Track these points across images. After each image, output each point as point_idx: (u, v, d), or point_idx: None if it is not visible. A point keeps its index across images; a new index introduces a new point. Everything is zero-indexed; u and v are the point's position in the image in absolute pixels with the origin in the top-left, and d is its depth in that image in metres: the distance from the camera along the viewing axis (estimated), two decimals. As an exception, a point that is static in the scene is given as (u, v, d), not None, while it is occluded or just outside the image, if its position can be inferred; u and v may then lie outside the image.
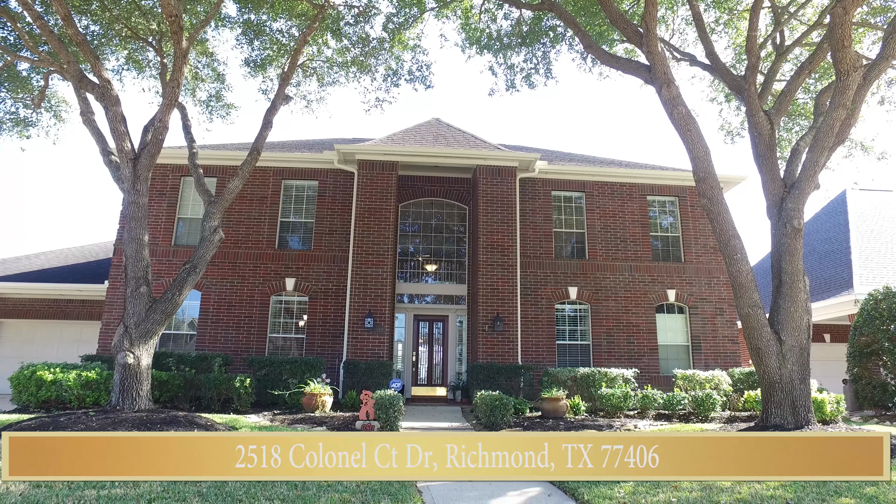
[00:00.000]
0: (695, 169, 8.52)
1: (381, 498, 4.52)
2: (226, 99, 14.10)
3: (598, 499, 4.54)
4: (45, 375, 10.32)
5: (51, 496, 4.39)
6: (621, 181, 16.14)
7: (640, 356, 14.72)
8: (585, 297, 15.06)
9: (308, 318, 14.74)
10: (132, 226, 8.60)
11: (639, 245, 15.64)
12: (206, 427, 7.60)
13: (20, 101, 14.28)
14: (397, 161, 14.85)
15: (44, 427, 7.11)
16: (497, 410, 9.72)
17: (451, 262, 16.28)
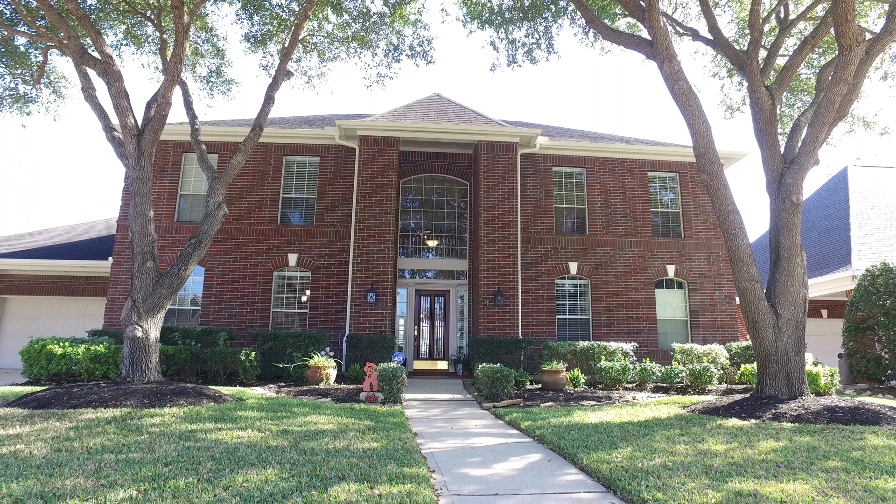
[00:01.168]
0: (695, 144, 8.56)
1: (388, 462, 4.70)
2: (226, 75, 14.04)
3: (595, 462, 4.72)
4: (54, 349, 10.52)
5: (71, 459, 4.57)
6: (622, 157, 16.15)
7: (640, 331, 14.92)
8: (585, 272, 15.20)
9: (311, 292, 14.90)
10: (137, 202, 8.68)
11: (639, 221, 15.72)
12: (215, 398, 7.80)
13: (19, 78, 14.20)
14: (398, 137, 14.86)
15: (58, 397, 7.30)
16: (498, 382, 9.93)
17: (452, 237, 16.38)
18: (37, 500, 3.57)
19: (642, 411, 7.93)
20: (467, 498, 4.00)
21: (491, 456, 5.47)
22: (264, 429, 6.07)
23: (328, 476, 4.19)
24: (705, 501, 3.63)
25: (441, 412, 8.84)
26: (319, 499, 3.63)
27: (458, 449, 5.84)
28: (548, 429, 6.54)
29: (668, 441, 5.65)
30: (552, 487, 4.28)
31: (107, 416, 6.52)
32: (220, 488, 3.80)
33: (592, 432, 6.20)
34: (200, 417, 6.60)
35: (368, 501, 3.61)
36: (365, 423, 6.86)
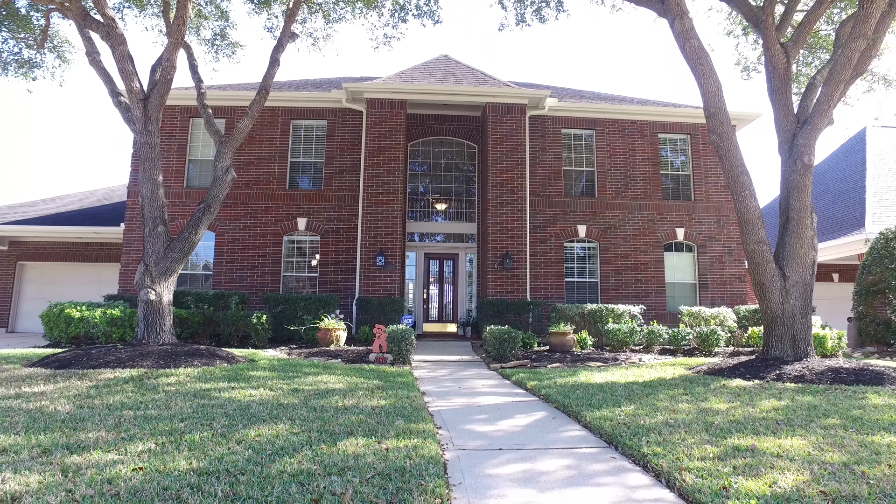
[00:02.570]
0: (706, 104, 8.40)
1: (395, 419, 4.84)
2: (231, 37, 13.87)
3: (598, 420, 4.83)
4: (72, 313, 10.77)
5: (93, 415, 4.75)
6: (632, 118, 15.90)
7: (648, 294, 14.97)
8: (594, 235, 15.18)
9: (320, 256, 15.04)
10: (146, 167, 8.73)
11: (648, 183, 15.58)
12: (228, 359, 8.00)
13: (23, 42, 14.11)
14: (406, 99, 14.70)
15: (78, 358, 7.53)
16: (505, 344, 10.07)
17: (460, 200, 16.36)
18: (63, 450, 3.74)
19: (647, 372, 8.04)
20: (472, 452, 4.13)
21: (497, 414, 5.60)
22: (276, 388, 6.24)
23: (337, 431, 4.33)
24: (703, 455, 3.73)
25: (449, 373, 9.01)
26: (328, 452, 3.77)
27: (464, 407, 5.99)
28: (553, 388, 6.67)
29: (671, 400, 5.75)
30: (555, 443, 4.40)
31: (124, 375, 6.72)
32: (234, 442, 3.95)
33: (597, 391, 6.32)
34: (214, 377, 6.79)
35: (376, 455, 3.74)
36: (374, 382, 7.02)
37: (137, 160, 8.99)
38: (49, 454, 3.67)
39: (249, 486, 3.07)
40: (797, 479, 3.27)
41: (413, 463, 3.57)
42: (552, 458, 3.95)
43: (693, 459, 3.63)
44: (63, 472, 3.32)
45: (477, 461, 3.89)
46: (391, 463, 3.55)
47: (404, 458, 3.69)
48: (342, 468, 3.42)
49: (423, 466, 3.49)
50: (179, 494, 2.93)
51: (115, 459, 3.56)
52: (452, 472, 3.62)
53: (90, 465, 3.42)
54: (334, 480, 3.17)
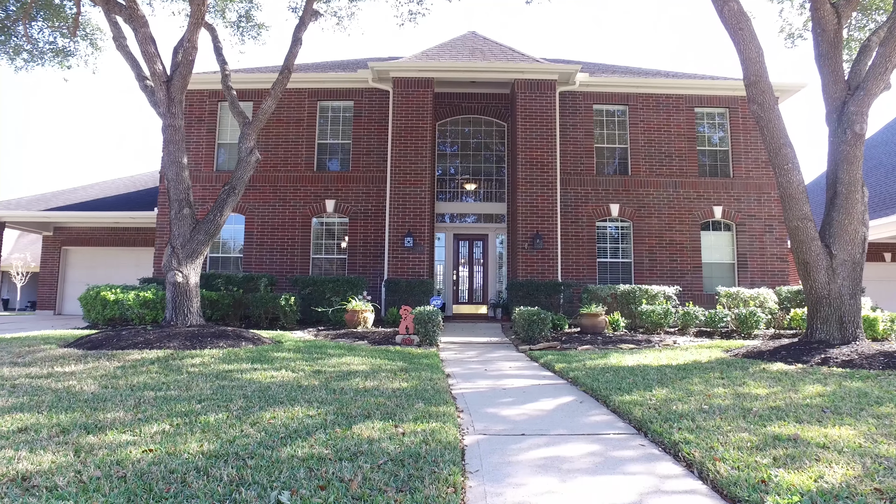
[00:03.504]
0: (745, 73, 7.89)
1: (415, 402, 4.71)
2: (256, 19, 13.78)
3: (627, 404, 4.60)
4: (108, 296, 11.00)
5: (115, 395, 4.76)
6: (667, 93, 15.25)
7: (683, 274, 14.47)
8: (627, 214, 14.71)
9: (349, 238, 15.01)
10: (170, 149, 8.74)
11: (684, 160, 14.98)
12: (253, 340, 8.02)
13: (57, 31, 14.34)
14: (433, 77, 14.42)
15: (109, 340, 7.65)
16: (534, 325, 9.85)
17: (490, 180, 16.07)
18: (81, 430, 3.74)
19: (682, 355, 7.72)
20: (493, 437, 3.96)
21: (522, 397, 5.42)
22: (298, 369, 6.19)
23: (354, 414, 4.22)
24: (740, 444, 3.46)
25: (476, 354, 8.86)
26: (343, 436, 3.65)
27: (489, 390, 5.82)
28: (582, 371, 6.44)
29: (706, 384, 5.46)
30: (581, 428, 4.20)
31: (151, 356, 6.78)
32: (248, 424, 3.87)
33: (627, 375, 6.07)
34: (238, 358, 6.79)
35: (391, 439, 3.61)
36: (398, 364, 6.92)
37: (164, 142, 8.97)
38: (67, 433, 3.67)
39: (257, 470, 2.97)
40: (847, 473, 2.98)
41: (429, 448, 3.42)
42: (577, 444, 3.75)
43: (729, 449, 3.37)
44: (76, 452, 3.29)
45: (498, 447, 3.72)
46: (406, 448, 3.41)
47: (420, 442, 3.54)
48: (355, 453, 3.29)
49: (440, 452, 3.34)
50: (185, 478, 2.85)
51: (129, 440, 3.52)
52: (470, 459, 3.46)
53: (103, 446, 3.39)
54: (345, 466, 3.04)
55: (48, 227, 20.99)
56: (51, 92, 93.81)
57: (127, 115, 64.61)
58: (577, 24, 71.50)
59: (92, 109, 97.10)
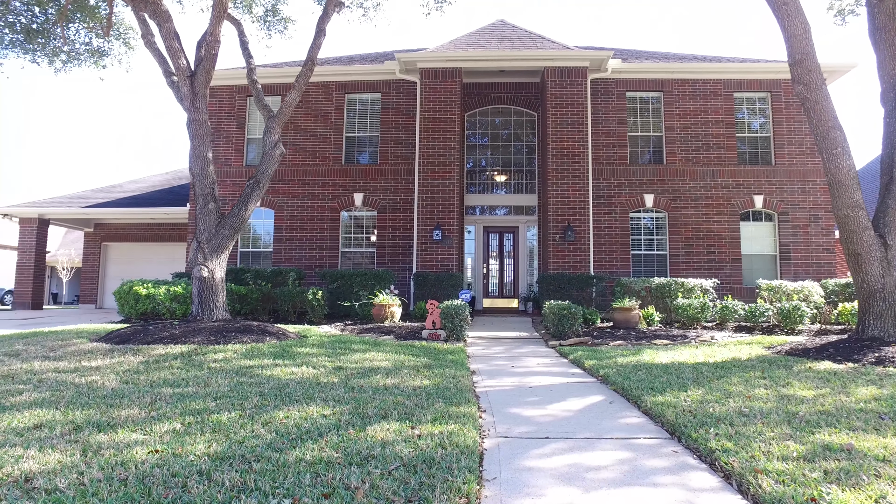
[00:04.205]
0: (790, 51, 7.39)
1: (436, 401, 4.52)
2: (282, 13, 13.76)
3: (660, 406, 4.31)
4: (140, 291, 11.17)
5: (133, 391, 4.73)
6: (704, 77, 14.62)
7: (722, 267, 13.90)
8: (662, 204, 14.19)
9: (377, 231, 14.93)
10: (195, 144, 8.75)
11: (722, 147, 14.35)
12: (278, 335, 7.96)
13: (92, 31, 14.62)
14: (461, 67, 14.17)
15: (136, 334, 7.71)
16: (564, 320, 9.55)
17: (520, 171, 15.76)
18: (93, 428, 3.68)
19: (720, 351, 7.33)
20: (514, 441, 3.74)
21: (548, 396, 5.18)
22: (319, 365, 6.08)
23: (370, 414, 4.06)
24: (785, 454, 3.16)
25: (504, 350, 8.63)
26: (355, 437, 3.49)
27: (514, 388, 5.60)
28: (612, 368, 6.15)
29: (747, 384, 5.11)
30: (609, 431, 3.94)
31: (175, 351, 6.78)
32: (260, 424, 3.75)
33: (661, 373, 5.75)
34: (260, 354, 6.73)
35: (406, 442, 3.43)
36: (422, 360, 6.75)
37: (190, 137, 8.98)
38: (79, 431, 3.61)
39: (261, 474, 2.83)
40: (909, 489, 2.66)
41: (445, 452, 3.23)
42: (604, 450, 3.50)
43: (772, 459, 3.07)
44: (84, 451, 3.22)
45: (519, 451, 3.50)
46: (421, 452, 3.23)
47: (436, 446, 3.35)
48: (365, 457, 3.13)
49: (456, 457, 3.14)
50: (186, 482, 2.73)
51: (138, 440, 3.43)
52: (489, 465, 3.25)
53: (112, 446, 3.31)
54: (353, 472, 2.87)
55: (89, 223, 21.60)
56: (86, 91, 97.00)
57: (164, 112, 66.45)
58: (609, 11, 69.86)
59: (125, 106, 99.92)
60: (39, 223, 19.07)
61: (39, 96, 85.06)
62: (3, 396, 4.62)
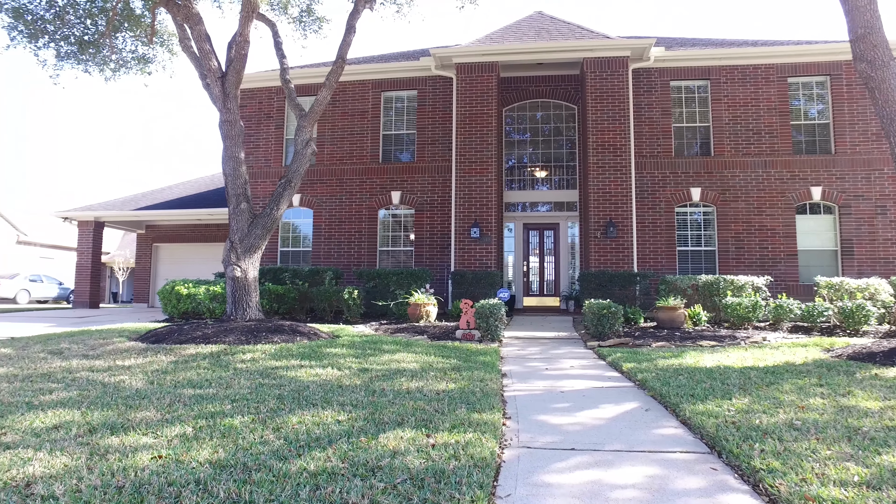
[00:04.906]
0: (851, 25, 6.78)
1: (458, 406, 4.31)
2: (317, 12, 13.78)
3: (700, 415, 3.95)
4: (181, 290, 11.41)
5: (156, 392, 4.71)
6: (755, 63, 13.81)
7: (775, 263, 13.11)
8: (710, 198, 13.50)
9: (415, 229, 14.82)
10: (227, 144, 8.81)
11: (775, 136, 13.53)
12: (309, 335, 7.92)
13: (138, 40, 15.08)
14: (497, 61, 13.88)
15: (171, 333, 7.82)
16: (604, 319, 9.15)
17: (560, 166, 15.34)
18: (106, 430, 3.65)
19: (772, 354, 6.82)
20: (537, 452, 3.49)
21: (580, 402, 4.88)
22: (344, 367, 5.96)
23: (386, 420, 3.87)
24: (844, 478, 2.78)
25: (539, 351, 8.33)
26: (366, 446, 3.31)
27: (545, 392, 5.32)
28: (651, 372, 5.78)
29: (800, 392, 4.67)
30: (641, 443, 3.62)
31: (205, 351, 6.81)
32: (270, 429, 3.63)
33: (704, 378, 5.35)
34: (289, 354, 6.67)
35: (419, 452, 3.23)
36: (451, 361, 6.54)
37: (222, 138, 9.05)
38: (93, 434, 3.58)
39: (259, 485, 2.68)
40: None
41: (458, 465, 3.01)
42: (633, 465, 3.20)
43: (827, 484, 2.70)
44: (91, 455, 3.17)
45: (539, 464, 3.24)
46: (432, 464, 3.02)
47: (450, 457, 3.13)
48: (372, 468, 2.94)
49: (468, 471, 2.92)
50: (181, 493, 2.60)
51: (146, 443, 3.36)
52: (504, 479, 3.01)
53: (118, 450, 3.24)
54: (355, 485, 2.69)
55: (141, 225, 22.41)
56: (134, 97, 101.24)
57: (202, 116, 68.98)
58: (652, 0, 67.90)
59: (174, 110, 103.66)
60: (95, 226, 19.88)
61: (91, 104, 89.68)
62: (36, 395, 4.69)
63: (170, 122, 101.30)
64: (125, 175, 74.00)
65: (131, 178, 72.46)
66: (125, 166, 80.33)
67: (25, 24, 12.90)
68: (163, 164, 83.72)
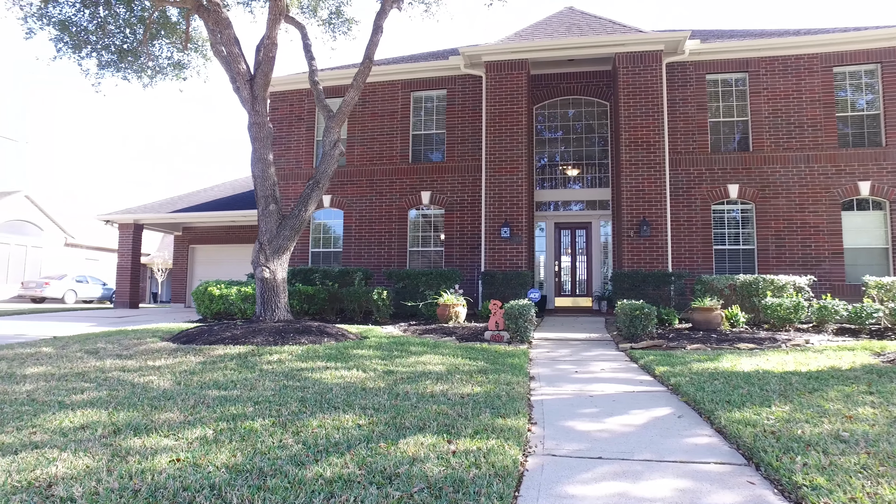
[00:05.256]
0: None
1: (482, 411, 4.20)
2: (346, 14, 13.86)
3: (736, 424, 3.74)
4: (213, 291, 11.60)
5: (181, 393, 4.75)
6: (797, 53, 13.24)
7: (819, 262, 12.55)
8: (749, 195, 13.02)
9: (445, 229, 14.76)
10: (256, 146, 8.89)
11: (819, 130, 12.94)
12: (336, 336, 7.91)
13: (174, 46, 15.45)
14: (527, 59, 13.70)
15: (201, 334, 7.92)
16: (637, 321, 8.90)
17: (592, 165, 15.04)
18: (130, 431, 3.68)
19: (815, 358, 6.48)
20: (561, 460, 3.35)
21: (609, 407, 4.71)
22: (370, 369, 5.91)
23: (407, 426, 3.79)
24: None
25: (570, 353, 8.14)
26: (385, 452, 3.24)
27: (573, 397, 5.16)
28: (685, 376, 5.55)
29: (847, 401, 4.39)
30: (672, 453, 3.45)
31: (233, 352, 6.86)
32: (290, 433, 3.59)
33: (741, 383, 5.10)
34: (315, 356, 6.67)
35: (439, 458, 3.14)
36: (478, 364, 6.43)
37: (251, 140, 9.14)
38: (117, 434, 3.61)
39: (273, 492, 2.64)
40: None
41: (478, 473, 2.91)
42: (662, 477, 3.04)
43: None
44: (113, 456, 3.19)
45: (563, 474, 3.11)
46: (451, 472, 2.92)
47: (470, 465, 3.03)
48: (390, 476, 2.86)
49: (489, 479, 2.81)
50: (195, 498, 2.58)
51: (167, 446, 3.36)
52: (526, 489, 2.89)
53: (139, 451, 3.25)
54: (370, 493, 2.62)
55: (178, 227, 22.96)
56: (162, 104, 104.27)
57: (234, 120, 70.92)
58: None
59: (211, 114, 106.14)
60: (135, 228, 20.45)
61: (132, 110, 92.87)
62: (68, 394, 4.78)
63: (208, 125, 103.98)
64: (162, 178, 76.30)
65: (168, 180, 74.67)
66: (162, 170, 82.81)
67: (70, 35, 13.36)
68: (200, 166, 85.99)
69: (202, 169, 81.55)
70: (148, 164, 76.38)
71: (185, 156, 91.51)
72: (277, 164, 16.11)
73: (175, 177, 72.85)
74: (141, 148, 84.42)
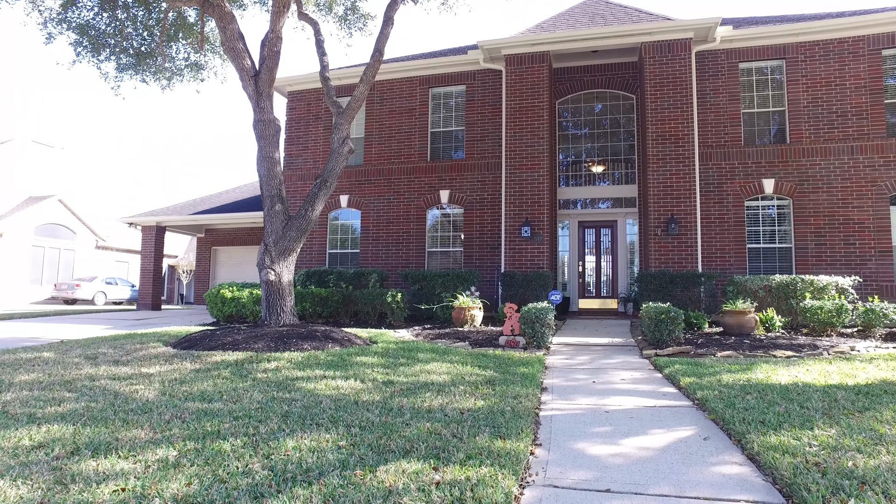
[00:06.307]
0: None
1: (481, 430, 3.76)
2: (361, 10, 13.56)
3: (772, 451, 3.22)
4: (225, 294, 11.40)
5: (162, 405, 4.43)
6: (840, 36, 12.39)
7: (864, 261, 11.69)
8: (785, 190, 12.23)
9: (464, 229, 14.34)
10: (261, 145, 8.61)
11: (864, 118, 12.07)
12: (341, 342, 7.55)
13: (190, 47, 15.40)
14: (548, 51, 13.17)
15: (203, 339, 7.66)
16: (662, 325, 8.31)
17: (618, 160, 14.41)
18: (88, 451, 3.38)
19: (864, 369, 5.83)
20: (564, 493, 2.89)
21: (626, 425, 4.21)
22: (368, 379, 5.51)
23: (392, 448, 3.37)
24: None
25: (589, 360, 7.62)
26: (360, 480, 2.83)
27: (587, 412, 4.67)
28: (714, 389, 5.00)
29: (903, 421, 3.80)
30: (695, 486, 2.95)
31: (230, 359, 6.55)
32: (260, 456, 3.20)
33: (778, 399, 4.53)
34: (314, 363, 6.31)
35: (419, 490, 2.71)
36: (487, 373, 5.98)
37: (257, 138, 8.86)
38: (73, 455, 3.30)
39: (212, 537, 2.25)
40: None
41: (461, 512, 2.47)
42: (683, 520, 2.55)
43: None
44: (55, 483, 2.86)
45: (564, 512, 2.65)
46: (429, 509, 2.49)
47: (454, 500, 2.60)
48: (355, 514, 2.44)
49: (471, 521, 2.37)
50: (121, 543, 2.21)
51: (120, 470, 3.01)
52: (516, 534, 2.44)
53: (87, 478, 2.91)
54: (324, 540, 2.20)
55: (200, 229, 23.06)
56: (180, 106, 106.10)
57: (279, 125, 71.22)
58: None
59: (231, 113, 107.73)
60: (157, 230, 20.55)
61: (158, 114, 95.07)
62: (44, 406, 4.51)
63: (231, 126, 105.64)
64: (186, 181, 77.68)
65: (190, 184, 75.97)
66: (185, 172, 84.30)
67: (89, 38, 13.37)
68: (223, 170, 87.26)
69: (224, 173, 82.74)
70: (173, 167, 77.80)
71: (208, 158, 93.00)
72: (294, 164, 15.93)
73: (198, 180, 74.04)
74: (167, 150, 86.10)
